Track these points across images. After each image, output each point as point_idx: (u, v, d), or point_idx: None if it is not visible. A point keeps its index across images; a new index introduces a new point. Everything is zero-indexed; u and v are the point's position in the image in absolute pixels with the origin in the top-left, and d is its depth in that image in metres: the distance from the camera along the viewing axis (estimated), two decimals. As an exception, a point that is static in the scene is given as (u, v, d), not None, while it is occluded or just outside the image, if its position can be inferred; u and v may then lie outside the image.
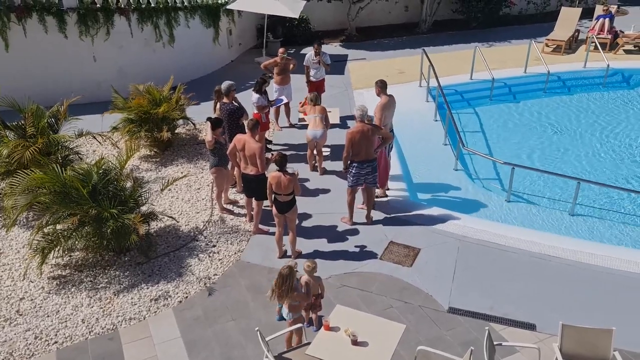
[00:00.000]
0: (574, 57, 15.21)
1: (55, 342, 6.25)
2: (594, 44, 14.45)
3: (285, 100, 10.61)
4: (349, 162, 7.87)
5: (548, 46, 15.74)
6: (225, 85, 8.76)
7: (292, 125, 11.32)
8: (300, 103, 11.10)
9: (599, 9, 16.41)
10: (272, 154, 7.81)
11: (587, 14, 17.71)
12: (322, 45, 11.47)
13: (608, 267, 7.25)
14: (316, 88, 11.31)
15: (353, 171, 7.87)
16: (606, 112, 12.58)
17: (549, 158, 10.63)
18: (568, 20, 16.20)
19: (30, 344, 6.21)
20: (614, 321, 5.81)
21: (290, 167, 7.32)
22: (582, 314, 6.43)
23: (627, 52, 15.58)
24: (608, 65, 13.58)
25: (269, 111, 9.98)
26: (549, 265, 7.32)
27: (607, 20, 15.84)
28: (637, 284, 6.97)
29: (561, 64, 14.57)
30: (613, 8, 16.75)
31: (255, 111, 9.53)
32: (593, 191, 9.30)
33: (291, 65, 10.86)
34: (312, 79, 11.22)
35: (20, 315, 6.62)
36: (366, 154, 7.77)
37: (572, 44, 16.12)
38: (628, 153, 10.78)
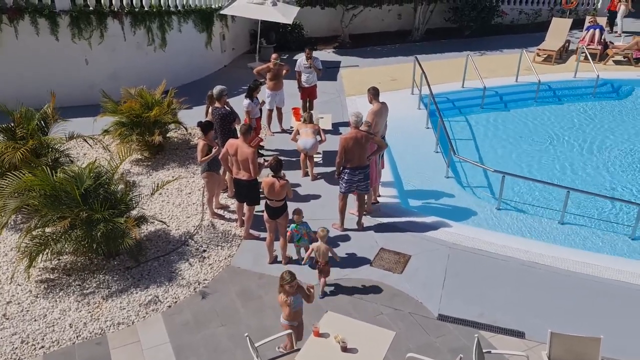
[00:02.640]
0: (564, 67, 15.36)
1: (42, 347, 6.18)
2: (584, 55, 14.60)
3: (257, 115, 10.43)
4: (341, 168, 7.88)
5: (539, 56, 15.89)
6: (216, 89, 8.76)
7: (284, 131, 11.32)
8: (292, 109, 11.11)
9: (588, 20, 16.62)
10: (265, 159, 7.81)
11: (577, 24, 17.91)
12: (314, 51, 11.47)
13: (597, 276, 7.31)
14: (308, 94, 11.34)
15: (345, 177, 7.88)
16: (596, 122, 12.70)
17: (539, 167, 10.71)
18: (559, 30, 16.38)
19: (16, 348, 6.14)
20: (601, 329, 5.85)
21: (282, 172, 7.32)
22: (570, 321, 6.45)
23: (617, 62, 15.76)
24: (598, 76, 13.72)
25: (260, 117, 9.98)
26: (538, 273, 7.36)
27: (597, 31, 16.03)
28: (626, 292, 7.03)
29: (552, 73, 14.70)
30: (603, 20, 16.96)
31: (250, 117, 9.54)
32: (582, 200, 9.37)
33: (284, 71, 10.87)
34: (304, 84, 11.22)
35: (7, 319, 6.55)
36: (359, 160, 7.78)
37: (563, 54, 16.29)
38: (617, 163, 10.88)
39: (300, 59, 11.13)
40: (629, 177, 10.38)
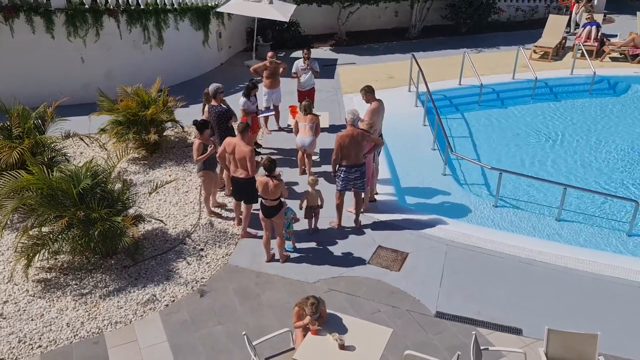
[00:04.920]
0: (561, 64, 15.38)
1: (40, 346, 6.17)
2: (580, 51, 14.63)
3: (272, 112, 10.51)
4: (337, 166, 7.88)
5: (536, 53, 15.91)
6: (212, 87, 8.74)
7: (281, 129, 11.30)
8: (289, 107, 11.07)
9: (584, 17, 16.63)
10: (262, 158, 7.82)
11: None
12: (313, 49, 11.40)
13: (593, 272, 7.33)
14: (306, 97, 11.23)
15: (341, 175, 7.88)
16: (592, 119, 12.73)
17: (535, 163, 10.72)
18: (555, 27, 16.39)
19: (13, 347, 6.13)
20: (599, 326, 5.88)
21: (278, 170, 7.30)
22: (567, 318, 6.48)
23: (613, 59, 15.78)
24: (594, 73, 13.75)
25: (256, 113, 9.92)
26: (535, 270, 7.38)
27: (593, 28, 16.04)
28: (622, 289, 7.05)
29: (548, 70, 14.71)
30: (600, 16, 16.97)
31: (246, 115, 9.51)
32: (579, 197, 9.39)
33: (281, 69, 10.83)
34: (301, 88, 10.94)
35: (4, 318, 6.54)
36: (355, 158, 7.77)
37: (560, 51, 16.30)
38: (613, 159, 10.91)
39: (298, 61, 10.93)
40: (625, 173, 10.41)
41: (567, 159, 10.90)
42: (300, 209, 7.98)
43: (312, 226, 8.11)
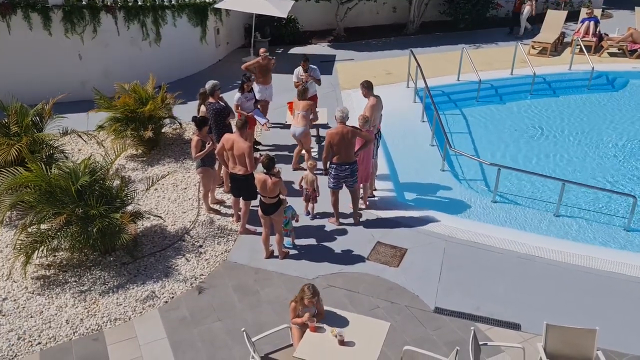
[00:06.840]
0: (559, 60, 15.37)
1: (39, 343, 6.18)
2: (579, 47, 14.62)
3: (264, 122, 10.37)
4: (328, 163, 7.88)
5: (534, 48, 15.90)
6: (209, 85, 8.71)
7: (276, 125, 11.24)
8: (288, 104, 11.04)
9: (584, 12, 16.62)
10: (260, 154, 7.82)
11: (572, 17, 17.91)
12: (311, 46, 11.29)
13: (592, 268, 7.34)
14: None
15: (332, 173, 7.88)
16: (590, 114, 12.73)
17: (534, 159, 10.73)
18: (554, 23, 16.38)
19: (13, 344, 6.14)
20: (597, 321, 5.89)
21: (277, 167, 7.29)
22: (566, 313, 6.50)
23: (612, 54, 15.77)
24: (593, 68, 13.73)
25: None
26: (534, 266, 7.39)
27: (592, 23, 16.03)
28: (621, 285, 7.06)
29: (547, 66, 14.70)
30: (598, 12, 16.95)
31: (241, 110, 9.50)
32: (577, 192, 9.40)
33: (272, 64, 10.75)
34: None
35: (3, 315, 6.54)
36: (346, 156, 7.75)
37: (558, 47, 16.30)
38: (611, 154, 10.91)
39: (297, 69, 10.59)
40: (623, 168, 10.41)
41: (565, 155, 10.91)
42: (299, 188, 8.24)
43: (311, 211, 8.31)
